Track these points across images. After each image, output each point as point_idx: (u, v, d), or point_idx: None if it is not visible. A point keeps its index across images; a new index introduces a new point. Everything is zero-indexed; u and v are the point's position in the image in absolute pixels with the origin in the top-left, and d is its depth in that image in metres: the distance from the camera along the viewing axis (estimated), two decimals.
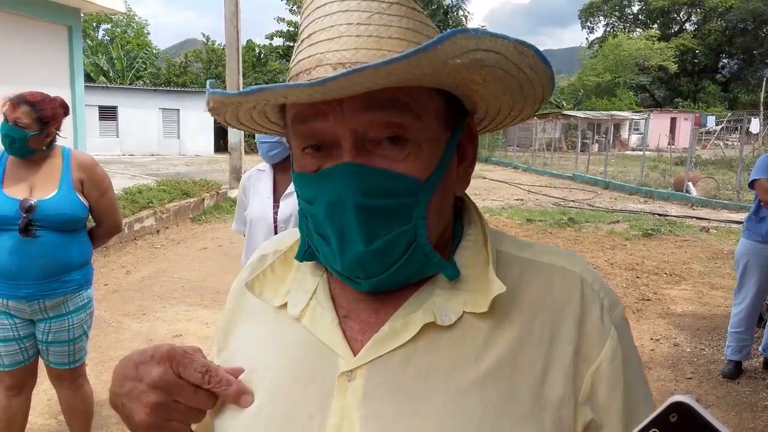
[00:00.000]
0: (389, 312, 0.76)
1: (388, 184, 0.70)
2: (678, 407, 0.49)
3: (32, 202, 2.81)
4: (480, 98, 0.77)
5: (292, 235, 0.91)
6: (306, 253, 0.80)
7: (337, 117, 0.68)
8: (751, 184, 4.60)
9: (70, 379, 3.16)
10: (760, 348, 5.04)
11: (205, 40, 41.07)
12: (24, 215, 2.78)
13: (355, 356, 0.75)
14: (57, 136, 2.97)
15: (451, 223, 0.81)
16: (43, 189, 2.89)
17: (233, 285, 0.94)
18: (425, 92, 0.71)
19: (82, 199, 2.97)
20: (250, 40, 39.04)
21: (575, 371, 0.74)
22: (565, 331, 0.76)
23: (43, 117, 2.84)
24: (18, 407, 3.02)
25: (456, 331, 0.74)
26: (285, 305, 0.82)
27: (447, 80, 0.69)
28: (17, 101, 2.83)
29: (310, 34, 0.70)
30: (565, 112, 38.91)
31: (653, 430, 0.50)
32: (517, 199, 16.00)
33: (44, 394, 4.08)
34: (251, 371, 0.80)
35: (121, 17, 43.67)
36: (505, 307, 0.76)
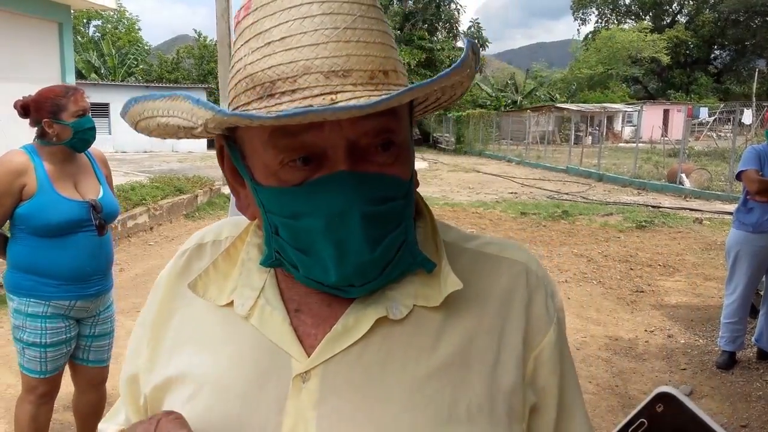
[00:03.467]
0: (342, 304, 0.76)
1: (385, 189, 0.70)
2: (663, 397, 0.51)
3: (97, 201, 2.89)
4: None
5: (232, 226, 0.89)
6: (272, 263, 0.77)
7: (334, 127, 0.66)
8: (738, 176, 4.64)
9: (101, 378, 3.20)
10: (753, 338, 5.07)
11: (196, 36, 40.97)
12: (98, 216, 2.86)
13: (308, 354, 0.74)
14: None
15: None
16: (90, 187, 2.94)
17: (164, 273, 0.90)
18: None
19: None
20: None
21: (523, 356, 0.77)
22: (514, 318, 0.78)
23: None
24: (44, 417, 2.99)
25: (408, 325, 0.75)
26: (230, 303, 0.79)
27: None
28: (78, 89, 2.89)
29: (283, 37, 0.65)
30: (558, 105, 38.96)
31: (641, 420, 0.52)
32: (511, 193, 16.03)
33: None
34: (196, 371, 0.78)
35: (112, 13, 43.45)
36: (455, 300, 0.76)
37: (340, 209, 0.67)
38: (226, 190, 13.04)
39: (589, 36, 60.67)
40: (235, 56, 0.71)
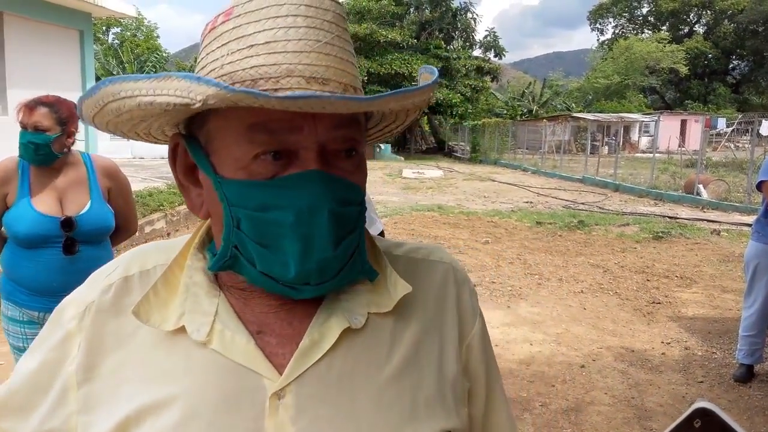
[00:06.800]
0: (303, 321, 0.78)
1: (349, 193, 0.74)
2: (702, 413, 0.50)
3: (71, 218, 2.74)
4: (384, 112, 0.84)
5: (157, 254, 0.86)
6: (224, 264, 0.76)
7: (311, 131, 0.70)
8: (759, 186, 4.59)
9: None
10: None
11: None
12: (66, 234, 2.73)
13: (278, 371, 0.75)
14: (76, 139, 2.86)
15: None
16: (75, 201, 2.81)
17: (81, 306, 0.83)
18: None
19: (110, 207, 2.93)
20: None
21: (459, 347, 0.87)
22: (449, 314, 0.88)
23: (62, 117, 2.74)
24: None
25: (367, 332, 0.80)
26: (179, 329, 0.77)
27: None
28: (32, 105, 2.72)
29: (267, 42, 0.69)
30: (575, 115, 38.80)
31: None
32: (527, 202, 15.97)
33: None
34: (155, 406, 0.74)
35: (131, 21, 43.90)
36: (401, 304, 0.82)
37: (310, 205, 0.70)
38: None
39: (606, 45, 60.46)
40: (208, 57, 0.74)
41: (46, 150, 2.72)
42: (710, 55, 55.94)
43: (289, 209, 0.70)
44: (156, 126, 0.77)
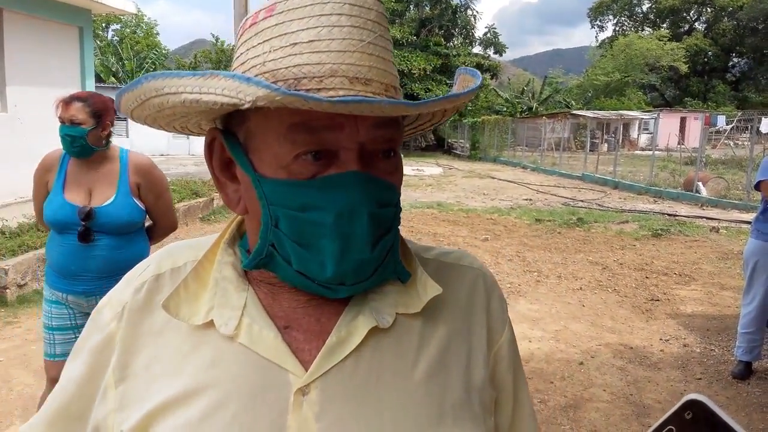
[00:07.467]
0: (330, 318, 0.78)
1: (387, 195, 0.74)
2: (693, 405, 0.51)
3: (91, 209, 2.90)
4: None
5: (189, 251, 0.87)
6: (260, 261, 0.77)
7: (352, 131, 0.70)
8: (757, 186, 4.59)
9: None
10: None
11: (214, 40, 41.21)
12: (83, 222, 2.88)
13: (304, 367, 0.75)
14: (113, 133, 3.02)
15: None
16: (102, 194, 2.97)
17: (118, 306, 0.84)
18: None
19: (138, 203, 3.03)
20: None
21: (487, 354, 0.86)
22: (478, 320, 0.87)
23: (96, 110, 2.91)
24: None
25: (394, 332, 0.79)
26: (207, 324, 0.78)
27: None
28: (68, 100, 2.91)
29: (311, 40, 0.69)
30: (575, 112, 38.77)
31: (669, 427, 0.51)
32: (526, 199, 15.98)
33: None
34: (183, 397, 0.75)
35: (131, 18, 43.83)
36: (430, 306, 0.81)
37: (350, 206, 0.70)
38: None
39: (606, 43, 60.44)
40: (249, 52, 0.73)
41: (81, 142, 2.90)
42: (710, 53, 55.96)
43: (329, 210, 0.70)
44: (194, 121, 0.78)
